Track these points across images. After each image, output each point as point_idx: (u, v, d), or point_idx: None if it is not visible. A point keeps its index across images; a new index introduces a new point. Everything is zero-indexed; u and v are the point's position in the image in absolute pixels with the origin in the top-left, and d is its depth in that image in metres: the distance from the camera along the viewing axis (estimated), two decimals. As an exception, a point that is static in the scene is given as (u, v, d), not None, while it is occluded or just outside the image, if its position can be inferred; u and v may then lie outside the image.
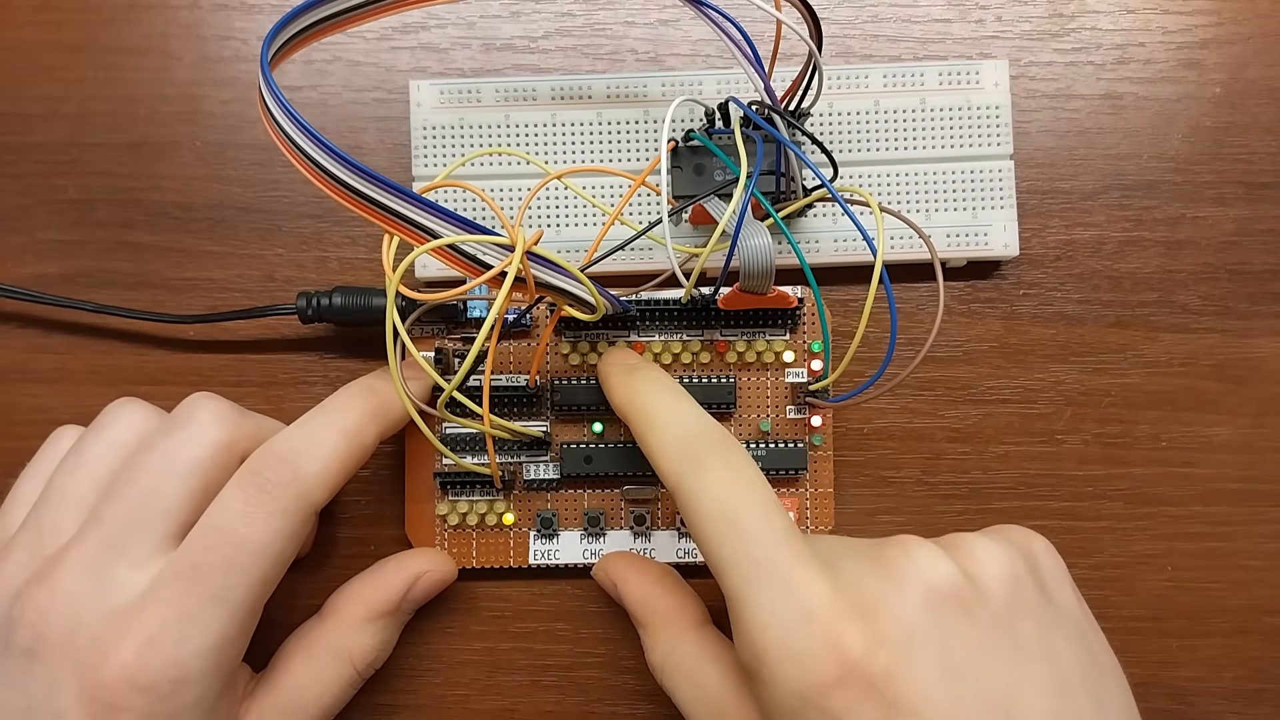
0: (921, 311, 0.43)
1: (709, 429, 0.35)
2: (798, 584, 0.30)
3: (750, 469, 0.33)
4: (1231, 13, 0.43)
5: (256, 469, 0.34)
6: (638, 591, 0.39)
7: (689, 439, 0.34)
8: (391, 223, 0.30)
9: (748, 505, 0.32)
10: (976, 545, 0.33)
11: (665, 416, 0.35)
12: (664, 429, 0.35)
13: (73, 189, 0.44)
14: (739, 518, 0.32)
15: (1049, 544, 0.35)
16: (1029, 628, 0.31)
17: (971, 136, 0.41)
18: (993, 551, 0.32)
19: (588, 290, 0.34)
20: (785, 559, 0.31)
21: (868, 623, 0.30)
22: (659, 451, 0.35)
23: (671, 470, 0.34)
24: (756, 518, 0.32)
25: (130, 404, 0.37)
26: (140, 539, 0.33)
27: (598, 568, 0.41)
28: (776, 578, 0.30)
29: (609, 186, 0.42)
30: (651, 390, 0.37)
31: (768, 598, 0.30)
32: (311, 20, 0.34)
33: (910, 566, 0.31)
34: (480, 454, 0.41)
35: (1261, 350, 0.43)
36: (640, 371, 0.38)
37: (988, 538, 0.33)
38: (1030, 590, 0.32)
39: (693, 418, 0.35)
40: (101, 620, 0.32)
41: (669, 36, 0.44)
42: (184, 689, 0.32)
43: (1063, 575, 0.34)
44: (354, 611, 0.39)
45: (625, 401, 0.37)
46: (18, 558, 0.34)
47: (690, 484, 0.33)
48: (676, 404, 0.36)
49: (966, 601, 0.31)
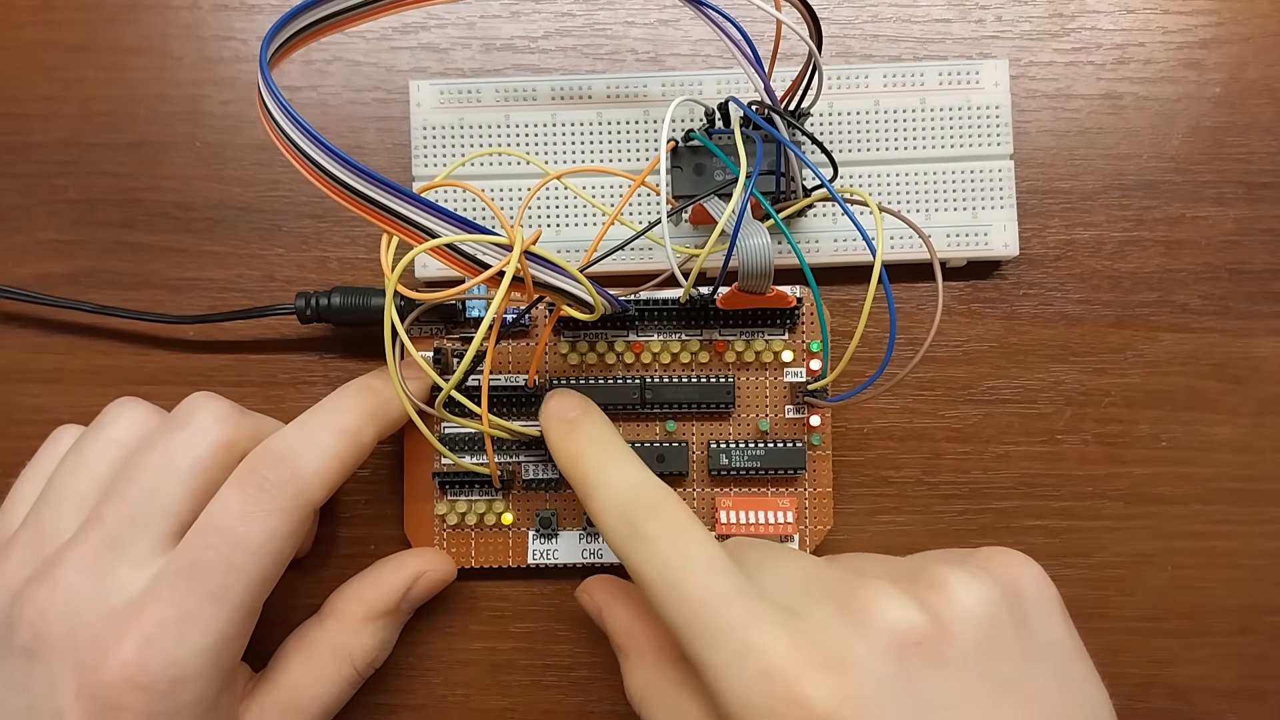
0: (921, 311, 0.43)
1: (644, 491, 0.34)
2: (754, 642, 0.30)
3: (690, 529, 0.33)
4: (1231, 13, 0.43)
5: (255, 468, 0.34)
6: (621, 619, 0.38)
7: (626, 505, 0.34)
8: (390, 222, 0.30)
9: (689, 570, 0.31)
10: (952, 583, 0.31)
11: (602, 480, 0.35)
12: (603, 497, 0.35)
13: (73, 189, 0.44)
14: (683, 584, 0.31)
15: (1040, 572, 0.33)
16: (1007, 668, 0.30)
17: (971, 136, 0.41)
18: (969, 590, 0.31)
19: (586, 290, 0.34)
20: (737, 618, 0.30)
21: (832, 676, 0.29)
22: (601, 522, 0.34)
23: (615, 541, 0.34)
24: (701, 581, 0.31)
25: (130, 403, 0.38)
26: (140, 538, 0.34)
27: (581, 590, 0.40)
28: (731, 639, 0.30)
29: (608, 186, 0.42)
30: (590, 452, 0.36)
31: (725, 660, 0.30)
32: (311, 20, 0.34)
33: (877, 613, 0.30)
34: (479, 454, 0.41)
35: (1261, 350, 0.43)
36: (579, 430, 0.37)
37: (966, 573, 0.32)
38: (1008, 628, 0.31)
39: (628, 480, 0.35)
40: (101, 619, 0.32)
41: (669, 36, 0.44)
42: (183, 688, 0.32)
43: (1050, 606, 0.33)
44: (354, 611, 0.39)
45: (567, 465, 0.37)
46: (18, 557, 0.35)
47: (633, 555, 0.33)
48: (614, 465, 0.36)
49: (937, 649, 0.30)
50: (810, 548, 0.41)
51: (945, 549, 0.36)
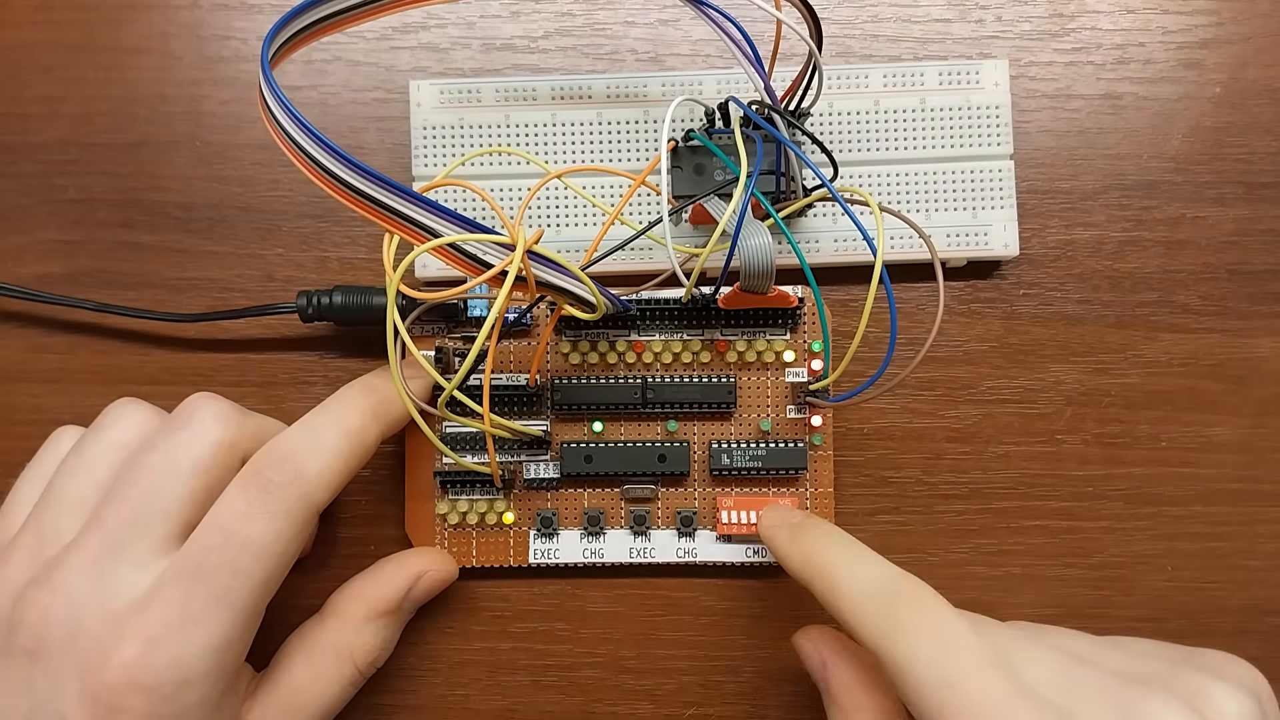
0: (921, 311, 0.43)
1: (899, 582, 0.33)
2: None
3: (953, 618, 0.32)
4: (1231, 13, 0.43)
5: (259, 470, 0.34)
6: (849, 680, 0.36)
7: (882, 595, 0.33)
8: (392, 222, 0.30)
9: (960, 662, 0.31)
10: (1216, 694, 0.31)
11: (852, 575, 0.34)
12: (851, 587, 0.34)
13: (73, 189, 0.44)
14: (957, 680, 0.30)
15: (1267, 683, 0.33)
16: None
17: (971, 136, 0.41)
18: (1233, 702, 0.31)
19: (588, 289, 0.34)
20: (1020, 713, 0.29)
21: None
22: (853, 615, 0.33)
23: (871, 635, 0.32)
24: (975, 674, 0.30)
25: (131, 404, 0.37)
26: (141, 539, 0.33)
27: (805, 639, 0.38)
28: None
29: (609, 186, 0.42)
30: (827, 548, 0.36)
31: None
32: (311, 19, 0.34)
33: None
34: (480, 453, 0.41)
35: (1261, 350, 0.43)
36: (808, 530, 0.37)
37: (1229, 685, 0.31)
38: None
39: (877, 571, 0.34)
40: (104, 621, 0.32)
41: (669, 36, 0.44)
42: (187, 690, 0.32)
43: None
44: (355, 610, 0.39)
45: (801, 565, 0.36)
46: (19, 559, 0.34)
47: (897, 649, 0.31)
48: (857, 560, 0.35)
49: None
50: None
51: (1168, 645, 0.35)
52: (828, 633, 0.38)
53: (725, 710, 0.42)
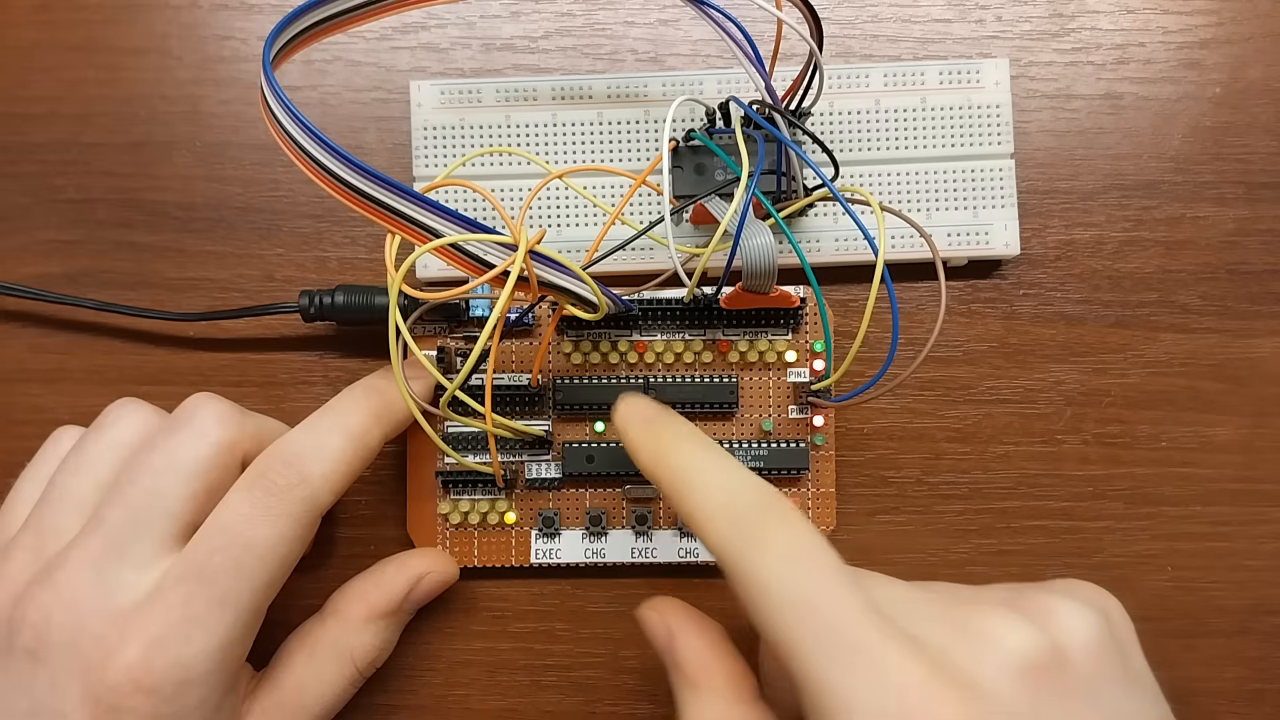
0: (922, 311, 0.43)
1: (760, 494, 0.32)
2: (889, 666, 0.28)
3: (814, 538, 0.30)
4: (1231, 13, 0.43)
5: (263, 472, 0.34)
6: (696, 648, 0.34)
7: (736, 508, 0.31)
8: (394, 222, 0.30)
9: (819, 582, 0.29)
10: (1059, 609, 0.30)
11: (706, 481, 0.32)
12: (704, 495, 0.32)
13: (73, 189, 0.44)
14: (813, 598, 0.29)
15: (1119, 604, 0.33)
16: (1118, 697, 0.30)
17: (972, 135, 0.41)
18: (1076, 615, 0.30)
19: (590, 289, 0.34)
20: (872, 639, 0.28)
21: (967, 703, 0.28)
22: (703, 523, 0.31)
23: (723, 546, 0.31)
24: (831, 594, 0.29)
25: (131, 404, 0.37)
26: (143, 539, 0.34)
27: (650, 609, 0.36)
28: (865, 661, 0.28)
29: (610, 186, 0.42)
30: (684, 450, 0.33)
31: (856, 682, 0.28)
32: (313, 20, 0.34)
33: (999, 639, 0.29)
34: (482, 453, 0.41)
35: (1261, 350, 0.43)
36: (666, 427, 0.35)
37: (1068, 599, 0.31)
38: (1115, 657, 0.31)
39: (736, 480, 0.32)
40: (105, 621, 0.32)
41: (669, 36, 0.44)
42: (188, 690, 0.32)
43: (1134, 637, 0.33)
44: (356, 611, 0.39)
45: (653, 464, 0.34)
46: (20, 559, 0.34)
47: (751, 565, 0.30)
48: (716, 465, 0.33)
49: (1057, 672, 0.29)
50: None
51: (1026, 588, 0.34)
52: (674, 602, 0.36)
53: (726, 710, 0.42)
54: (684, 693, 0.34)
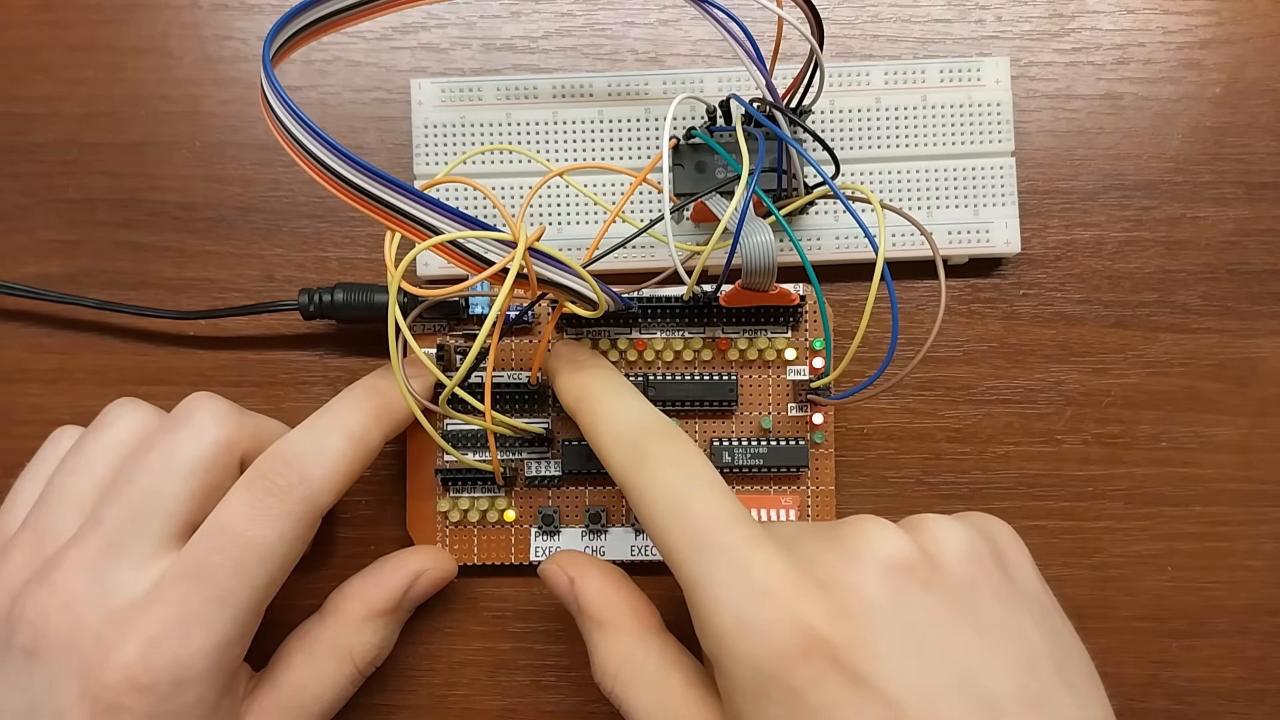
0: (922, 311, 0.43)
1: (651, 420, 0.35)
2: (753, 562, 0.30)
3: (695, 456, 0.33)
4: (1231, 13, 0.43)
5: (264, 473, 0.34)
6: (597, 589, 0.38)
7: (632, 433, 0.34)
8: (394, 219, 0.30)
9: (695, 492, 0.32)
10: (934, 523, 0.32)
11: (610, 413, 0.36)
12: (609, 426, 0.35)
13: (73, 189, 0.44)
14: (688, 504, 0.32)
15: (1010, 529, 0.35)
16: (991, 604, 0.31)
17: (973, 133, 0.41)
18: (951, 529, 0.32)
19: (590, 287, 0.34)
20: (738, 540, 0.31)
21: (827, 596, 0.30)
22: (606, 449, 0.35)
23: (619, 466, 0.34)
24: (706, 503, 0.32)
25: (130, 404, 0.38)
26: (141, 539, 0.34)
27: (549, 562, 0.39)
28: (731, 558, 0.31)
29: (610, 184, 0.42)
30: (598, 389, 0.37)
31: (723, 577, 0.30)
32: (312, 18, 0.34)
33: (867, 542, 0.31)
34: (482, 451, 0.41)
35: (1261, 350, 0.43)
36: (588, 370, 0.38)
37: (946, 518, 0.33)
38: (991, 568, 0.32)
39: (634, 411, 0.36)
40: (103, 620, 0.32)
41: (669, 36, 0.44)
42: (186, 689, 0.32)
43: (1024, 557, 0.34)
44: (355, 609, 0.39)
45: (574, 402, 0.37)
46: (18, 558, 0.34)
47: (638, 478, 0.33)
48: (620, 399, 0.36)
49: (926, 576, 0.31)
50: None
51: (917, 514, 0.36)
52: (571, 552, 0.39)
53: (726, 710, 0.42)
54: (591, 633, 0.37)
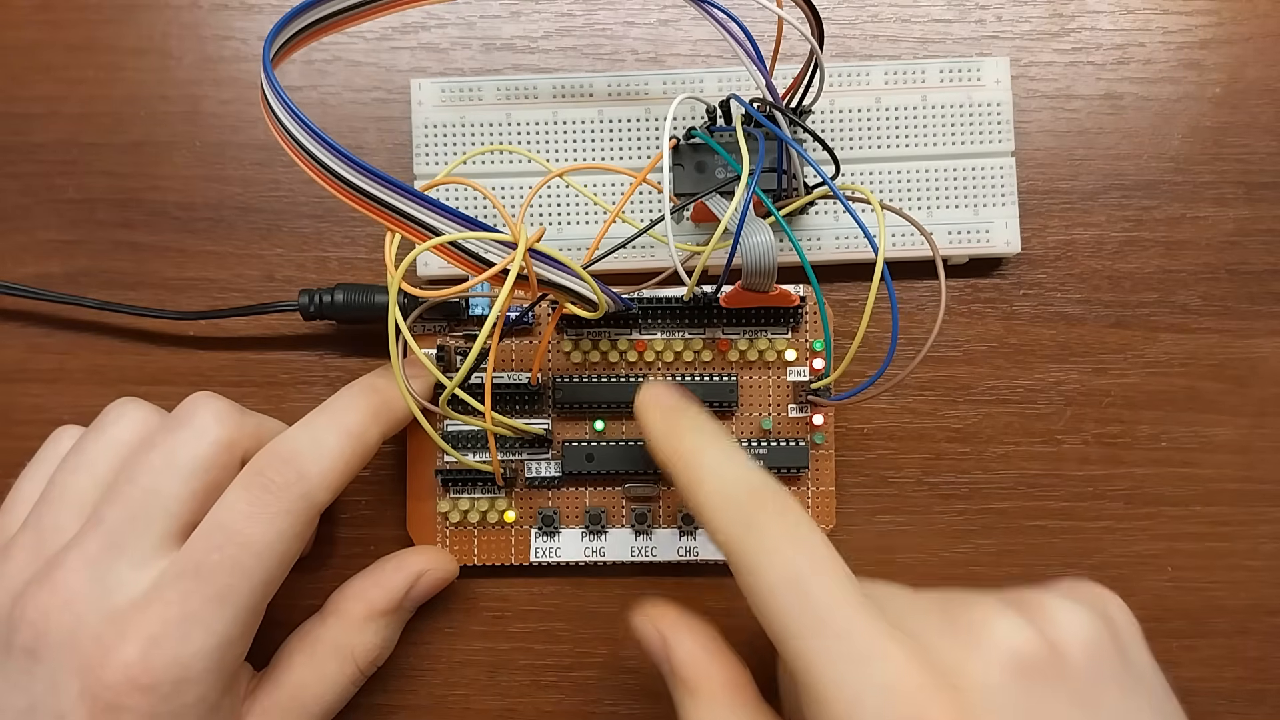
0: (922, 311, 0.43)
1: (758, 481, 0.33)
2: (875, 654, 0.28)
3: (810, 529, 0.31)
4: (1231, 13, 0.43)
5: (261, 470, 0.34)
6: (691, 652, 0.35)
7: (741, 497, 0.32)
8: (394, 220, 0.30)
9: (814, 571, 0.30)
10: (1054, 607, 0.31)
11: (712, 470, 0.33)
12: (712, 487, 0.33)
13: (73, 189, 0.44)
14: (807, 585, 0.30)
15: (1123, 605, 0.33)
16: (1114, 695, 0.30)
17: (973, 133, 0.41)
18: (1073, 614, 0.31)
19: (590, 287, 0.34)
20: (860, 627, 0.29)
21: (952, 694, 0.28)
22: (708, 512, 0.33)
23: (724, 532, 0.32)
24: (825, 584, 0.30)
25: (131, 403, 0.38)
26: (142, 538, 0.34)
27: (643, 616, 0.36)
28: (852, 648, 0.29)
29: (610, 184, 0.42)
30: (696, 440, 0.35)
31: (844, 670, 0.28)
32: (312, 19, 0.34)
33: (989, 631, 0.30)
34: (482, 451, 0.41)
35: (1261, 350, 0.43)
36: (683, 417, 0.36)
37: (1064, 599, 0.31)
38: (1112, 656, 0.31)
39: (739, 469, 0.33)
40: (103, 620, 0.32)
41: (669, 37, 0.44)
42: (186, 689, 0.32)
43: (1139, 637, 0.33)
44: (356, 609, 0.39)
45: (668, 452, 0.35)
46: (19, 558, 0.35)
47: (748, 549, 0.31)
48: (723, 454, 0.34)
49: (1051, 670, 0.29)
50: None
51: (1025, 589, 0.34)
52: (667, 606, 0.37)
53: (726, 710, 0.42)
54: (683, 699, 0.35)
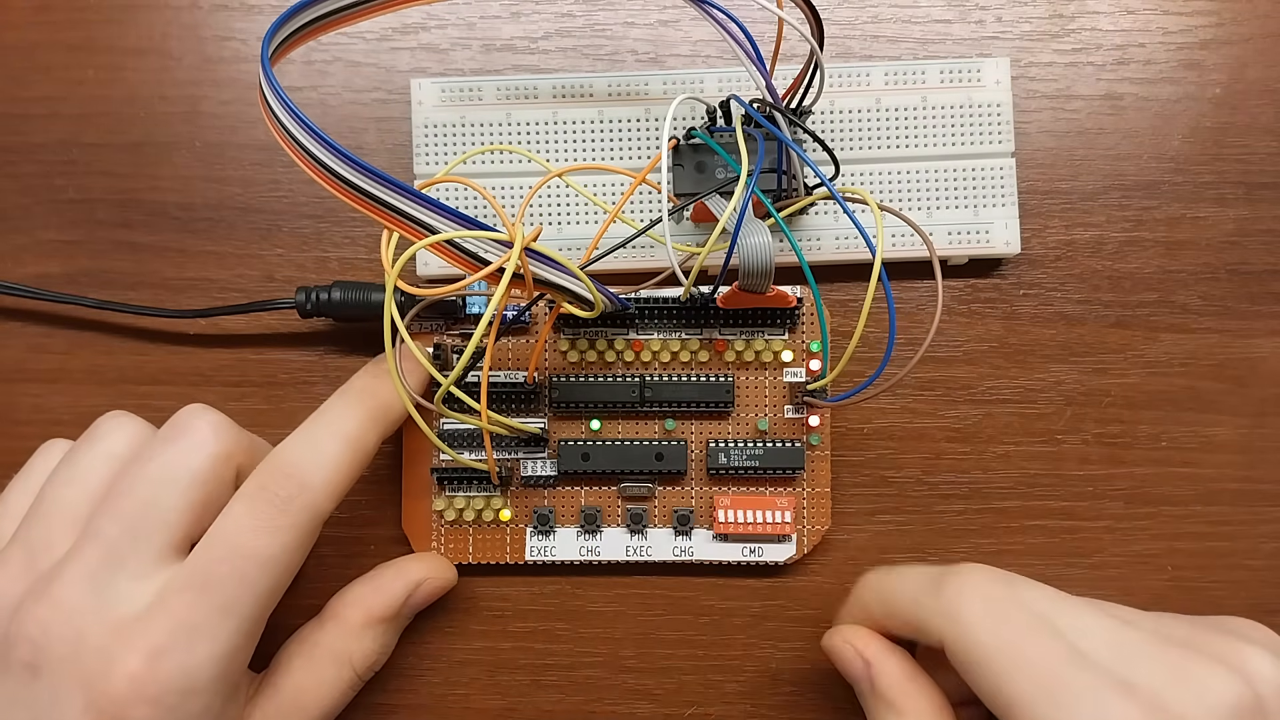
0: (922, 311, 0.43)
1: (945, 568, 0.35)
2: (1110, 712, 0.30)
3: (998, 583, 0.34)
4: (1231, 13, 0.43)
5: (264, 484, 0.34)
6: (897, 676, 0.37)
7: (932, 579, 0.35)
8: (391, 219, 0.30)
9: (1027, 635, 0.32)
10: (1253, 656, 0.32)
11: (898, 581, 0.37)
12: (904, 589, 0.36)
13: (72, 189, 0.44)
14: (1024, 649, 0.32)
15: None
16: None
17: (973, 134, 0.41)
18: (1268, 663, 0.32)
19: (586, 287, 0.34)
20: (1085, 686, 0.31)
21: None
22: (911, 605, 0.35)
23: (928, 614, 0.34)
24: (1039, 645, 0.32)
25: (121, 416, 0.37)
26: (140, 550, 0.33)
27: (841, 639, 0.38)
28: (1082, 709, 0.30)
29: (610, 184, 0.42)
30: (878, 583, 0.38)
31: None
32: (311, 17, 0.34)
33: (1207, 684, 0.31)
34: (478, 450, 0.41)
35: (1261, 350, 0.43)
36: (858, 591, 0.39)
37: (1260, 648, 0.32)
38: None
39: (922, 568, 0.37)
40: (105, 632, 0.32)
41: (669, 37, 0.44)
42: (191, 699, 0.32)
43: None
44: (354, 615, 0.39)
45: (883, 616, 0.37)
46: (10, 572, 0.34)
47: (952, 622, 0.33)
48: (900, 570, 0.37)
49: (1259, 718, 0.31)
50: (808, 547, 0.41)
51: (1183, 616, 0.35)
52: (865, 631, 0.38)
53: (725, 710, 0.42)
54: (887, 717, 0.37)
